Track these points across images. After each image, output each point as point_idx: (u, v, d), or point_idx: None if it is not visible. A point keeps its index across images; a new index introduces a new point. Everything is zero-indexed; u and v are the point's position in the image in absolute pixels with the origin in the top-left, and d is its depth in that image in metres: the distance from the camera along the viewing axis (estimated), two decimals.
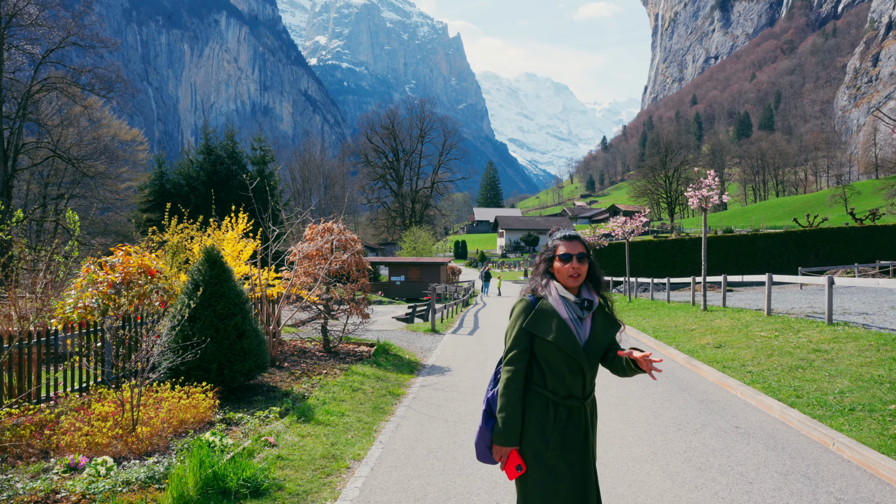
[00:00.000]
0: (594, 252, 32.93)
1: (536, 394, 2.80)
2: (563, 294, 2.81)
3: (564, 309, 2.79)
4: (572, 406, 2.78)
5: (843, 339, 9.65)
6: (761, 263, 32.38)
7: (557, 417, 2.75)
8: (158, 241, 10.59)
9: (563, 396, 2.77)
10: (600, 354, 2.81)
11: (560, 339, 2.71)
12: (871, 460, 5.00)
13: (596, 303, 2.85)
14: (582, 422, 2.79)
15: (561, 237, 2.91)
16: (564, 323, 2.75)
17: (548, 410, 2.77)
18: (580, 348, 2.74)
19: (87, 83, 39.77)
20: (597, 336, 2.80)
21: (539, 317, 2.78)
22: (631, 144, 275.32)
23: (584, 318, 2.82)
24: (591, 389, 2.85)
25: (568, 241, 2.87)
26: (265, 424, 6.36)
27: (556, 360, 2.75)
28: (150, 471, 4.82)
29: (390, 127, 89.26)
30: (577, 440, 2.78)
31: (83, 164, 38.37)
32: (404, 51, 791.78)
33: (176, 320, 6.92)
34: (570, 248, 2.85)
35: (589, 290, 2.88)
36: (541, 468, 2.74)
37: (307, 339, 12.24)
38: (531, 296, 2.89)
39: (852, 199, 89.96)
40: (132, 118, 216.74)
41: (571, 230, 2.93)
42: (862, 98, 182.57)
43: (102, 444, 5.35)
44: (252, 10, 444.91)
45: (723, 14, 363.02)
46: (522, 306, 2.86)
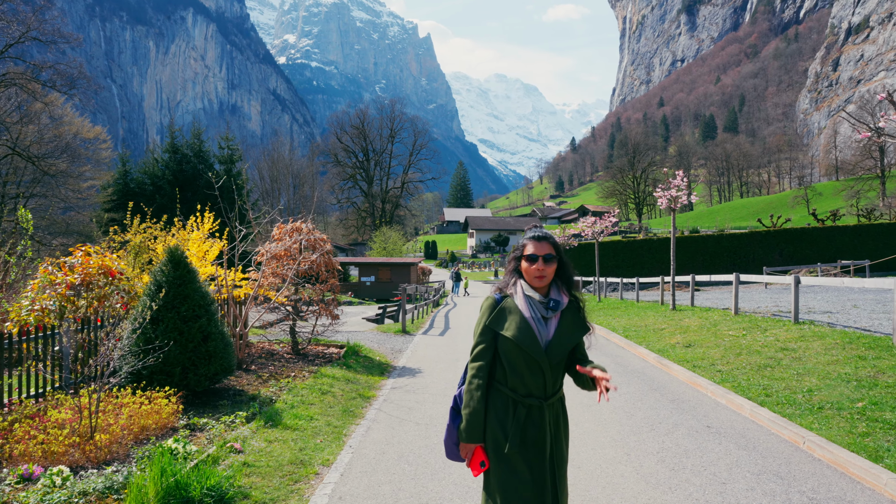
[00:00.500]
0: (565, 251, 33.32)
1: (498, 391, 2.80)
2: (528, 293, 2.80)
3: (527, 308, 2.77)
4: (532, 405, 2.75)
5: (810, 338, 9.78)
6: (727, 263, 32.87)
7: (517, 416, 2.74)
8: (120, 241, 10.27)
9: (523, 395, 2.75)
10: (563, 356, 2.78)
11: (519, 337, 2.71)
12: (842, 459, 5.02)
13: (564, 303, 2.82)
14: (541, 421, 2.76)
15: (530, 237, 2.89)
16: (526, 321, 2.74)
17: (507, 408, 2.77)
18: (540, 347, 2.71)
19: (48, 79, 38.77)
20: (561, 337, 2.77)
21: (502, 314, 2.79)
22: (599, 146, 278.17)
23: (550, 318, 2.79)
24: (555, 390, 2.81)
25: (536, 242, 2.85)
26: (231, 430, 6.17)
27: (516, 358, 2.74)
28: (108, 480, 4.62)
29: (360, 127, 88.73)
30: (537, 439, 2.75)
31: (44, 163, 37.37)
32: (374, 50, 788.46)
33: (137, 323, 6.68)
34: (537, 248, 2.83)
35: (559, 290, 2.86)
36: (501, 465, 2.75)
37: (275, 341, 12.01)
38: (498, 294, 2.90)
39: (814, 200, 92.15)
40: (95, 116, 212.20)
41: (542, 231, 2.90)
42: (823, 102, 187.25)
43: (59, 452, 5.13)
44: (219, 8, 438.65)
45: (689, 18, 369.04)
46: (488, 304, 2.87)
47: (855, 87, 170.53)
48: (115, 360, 5.80)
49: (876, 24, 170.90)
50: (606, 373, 2.69)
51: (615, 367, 10.08)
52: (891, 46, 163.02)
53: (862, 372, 7.43)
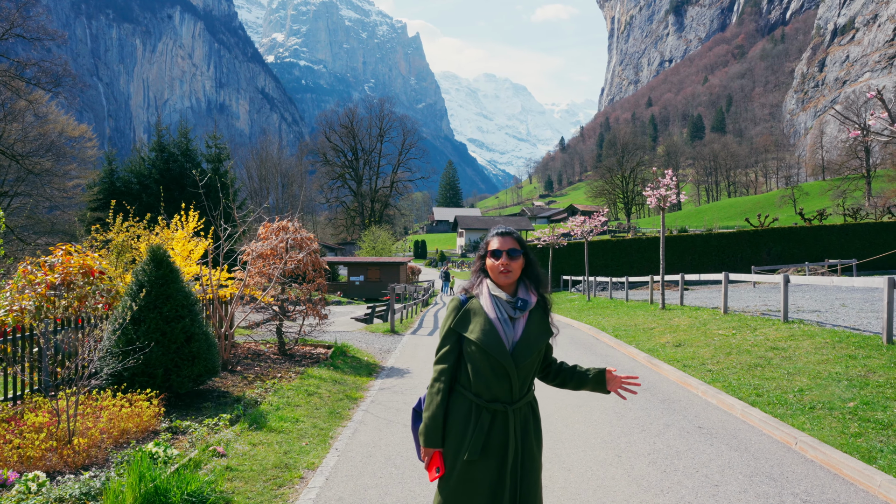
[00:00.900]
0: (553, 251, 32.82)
1: (461, 395, 2.68)
2: (494, 293, 2.69)
3: (493, 308, 2.65)
4: (496, 411, 2.62)
5: (800, 337, 9.75)
6: (716, 262, 32.99)
7: (480, 422, 2.61)
8: (102, 240, 10.09)
9: (488, 400, 2.62)
10: (530, 358, 2.63)
11: (483, 340, 2.58)
12: (835, 460, 4.96)
13: (532, 303, 2.70)
14: (506, 428, 2.62)
15: (494, 233, 2.79)
16: (491, 323, 2.62)
17: (470, 414, 2.64)
18: (505, 350, 2.58)
19: (32, 77, 38.34)
20: (528, 339, 2.64)
21: (466, 316, 2.69)
22: (588, 145, 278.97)
23: (517, 319, 2.67)
24: (522, 395, 2.67)
25: (500, 237, 2.75)
26: (214, 433, 6.03)
27: (480, 362, 2.61)
28: (85, 486, 4.48)
29: (349, 126, 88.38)
30: (500, 447, 2.62)
31: (28, 161, 36.93)
32: (363, 49, 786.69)
33: (118, 323, 6.53)
34: (502, 243, 2.73)
35: (527, 289, 2.75)
36: (457, 472, 2.62)
37: (262, 342, 11.86)
38: (464, 294, 2.79)
39: (801, 199, 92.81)
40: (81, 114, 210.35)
41: (507, 227, 2.80)
42: (809, 102, 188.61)
43: (35, 457, 4.97)
44: (207, 6, 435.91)
45: (676, 18, 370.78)
46: (453, 305, 2.75)
47: (841, 87, 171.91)
48: (95, 361, 5.65)
49: (861, 26, 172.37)
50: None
51: (605, 366, 10.00)
52: (876, 48, 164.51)
53: (853, 371, 7.40)
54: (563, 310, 21.20)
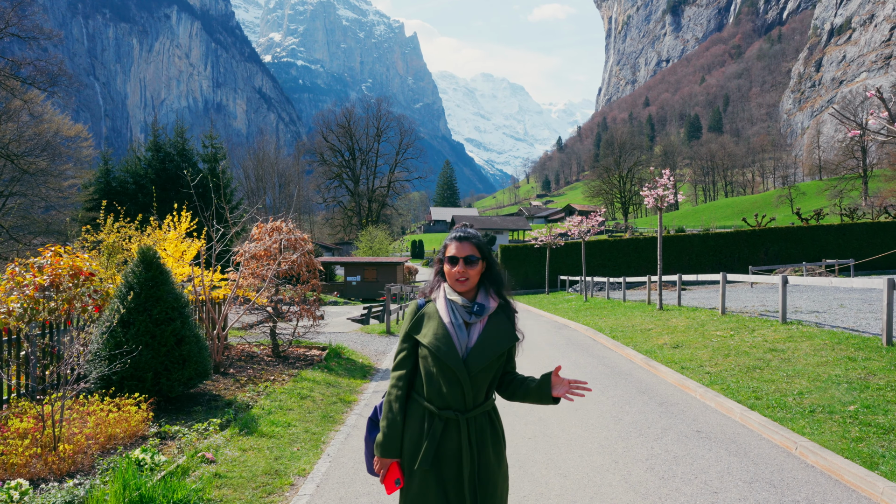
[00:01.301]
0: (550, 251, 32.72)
1: (416, 403, 2.58)
2: (450, 297, 2.60)
3: (448, 313, 2.56)
4: (449, 419, 2.52)
5: (798, 339, 9.66)
6: (713, 262, 32.94)
7: (432, 430, 2.51)
8: (93, 241, 9.95)
9: (440, 407, 2.52)
10: (485, 365, 2.52)
11: (435, 345, 2.50)
12: (836, 465, 4.86)
13: (490, 308, 2.59)
14: (458, 437, 2.51)
15: (452, 237, 2.67)
16: (444, 327, 2.53)
17: (423, 422, 2.54)
18: (457, 356, 2.48)
19: (27, 76, 38.21)
20: (483, 345, 2.52)
21: (421, 320, 2.61)
22: (586, 145, 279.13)
23: (472, 325, 2.56)
24: (477, 403, 2.55)
25: (458, 243, 2.63)
26: (204, 438, 5.91)
27: (433, 367, 2.53)
28: (68, 495, 4.36)
29: (346, 125, 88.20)
30: (453, 457, 2.51)
31: (23, 161, 36.76)
32: (361, 49, 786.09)
33: (106, 326, 6.41)
34: (459, 249, 2.61)
35: (487, 293, 2.64)
36: (414, 483, 2.52)
37: (255, 344, 11.73)
38: (422, 298, 2.72)
39: (798, 199, 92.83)
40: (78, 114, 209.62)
41: (466, 230, 2.68)
42: (806, 102, 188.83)
43: (19, 464, 4.85)
44: (204, 6, 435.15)
45: (674, 18, 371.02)
46: (410, 309, 2.68)
47: (837, 87, 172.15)
48: (83, 365, 5.53)
49: (858, 26, 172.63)
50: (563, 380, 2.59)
51: (602, 368, 9.91)
52: (872, 48, 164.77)
53: (853, 374, 7.30)
54: (561, 310, 21.11)
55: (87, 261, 8.32)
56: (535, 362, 10.61)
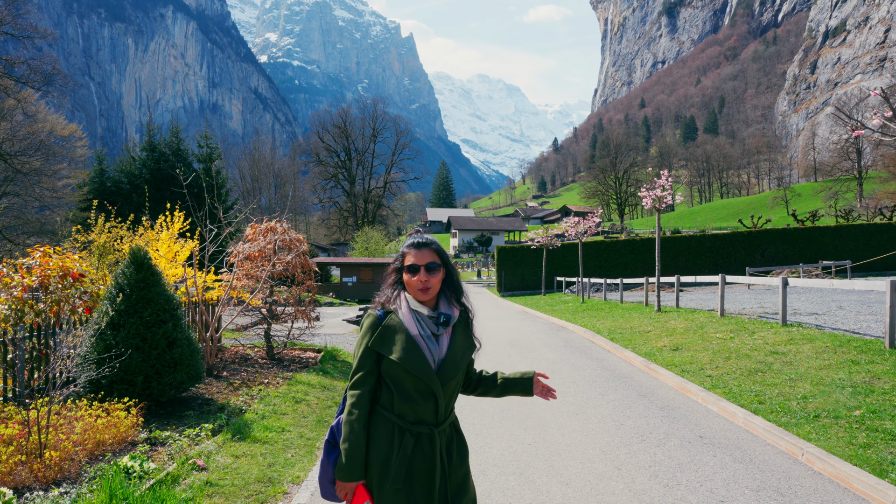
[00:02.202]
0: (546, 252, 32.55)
1: (382, 418, 2.44)
2: (414, 307, 2.47)
3: (415, 325, 2.44)
4: (421, 433, 2.42)
5: (799, 341, 9.55)
6: (710, 263, 32.86)
7: (403, 446, 2.39)
8: (84, 242, 9.78)
9: (411, 422, 2.41)
10: (457, 376, 2.46)
11: (407, 360, 2.36)
12: (844, 473, 4.74)
13: (455, 317, 2.51)
14: (430, 452, 2.41)
15: (409, 244, 2.54)
16: (413, 341, 2.40)
17: (393, 437, 2.41)
18: (431, 370, 2.38)
19: (21, 75, 37.99)
20: (454, 356, 2.46)
21: (386, 334, 2.43)
22: (582, 146, 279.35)
23: (441, 335, 2.47)
24: (447, 415, 2.49)
25: (416, 250, 2.50)
26: (195, 444, 5.75)
27: (403, 383, 2.40)
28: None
29: (342, 126, 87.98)
30: (424, 473, 2.41)
31: (17, 160, 36.56)
32: (357, 50, 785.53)
33: (95, 328, 6.25)
34: (419, 257, 2.49)
35: (448, 301, 2.55)
36: (385, 502, 2.39)
37: (249, 346, 11.57)
38: (380, 310, 2.52)
39: (793, 200, 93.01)
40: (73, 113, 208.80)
41: (423, 236, 2.56)
42: (801, 104, 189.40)
43: (3, 472, 4.69)
44: (200, 6, 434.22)
45: (669, 20, 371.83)
46: (369, 322, 2.49)
47: (832, 89, 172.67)
48: (71, 369, 5.37)
49: (852, 28, 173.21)
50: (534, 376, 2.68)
51: (601, 371, 9.79)
52: (867, 50, 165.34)
53: (857, 377, 7.19)
54: (558, 311, 20.99)
55: (76, 261, 8.17)
56: (532, 364, 10.48)
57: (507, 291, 34.88)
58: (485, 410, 7.33)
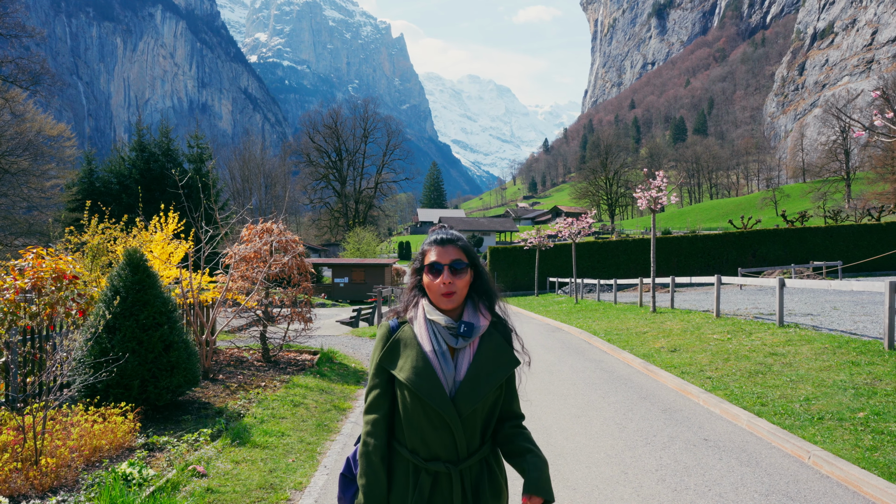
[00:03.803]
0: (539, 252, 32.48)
1: (397, 454, 2.08)
2: (430, 316, 2.07)
3: (429, 337, 2.04)
4: (438, 473, 2.03)
5: (797, 342, 9.55)
6: (701, 264, 32.97)
7: (419, 487, 2.02)
8: (77, 243, 9.64)
9: (426, 458, 2.03)
10: (479, 404, 2.02)
11: (415, 381, 1.98)
12: (854, 476, 4.70)
13: (480, 328, 2.08)
14: (450, 495, 2.02)
15: (431, 240, 2.15)
16: (424, 357, 2.01)
17: (409, 477, 2.05)
18: (443, 393, 1.98)
19: (9, 74, 37.66)
20: (477, 377, 2.02)
21: (395, 348, 2.07)
22: (572, 147, 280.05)
23: (460, 350, 2.06)
24: (472, 450, 2.07)
25: (440, 247, 2.10)
26: (194, 449, 5.65)
27: (413, 410, 2.02)
28: None
29: (333, 126, 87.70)
30: None
31: (4, 160, 36.22)
32: (347, 50, 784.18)
33: (91, 332, 6.13)
34: (442, 255, 2.08)
35: (475, 309, 2.13)
36: None
37: (245, 348, 11.45)
38: (394, 319, 2.17)
39: (782, 201, 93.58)
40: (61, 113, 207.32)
41: (448, 232, 2.17)
42: (789, 105, 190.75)
43: None
44: (189, 5, 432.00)
45: (659, 22, 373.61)
46: (381, 333, 2.15)
47: (820, 91, 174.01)
48: (66, 373, 5.26)
49: (840, 30, 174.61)
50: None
51: (600, 373, 9.74)
52: (854, 52, 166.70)
53: (858, 379, 7.18)
54: (552, 312, 20.96)
55: (70, 263, 8.04)
56: (530, 366, 10.42)
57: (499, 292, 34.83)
58: None
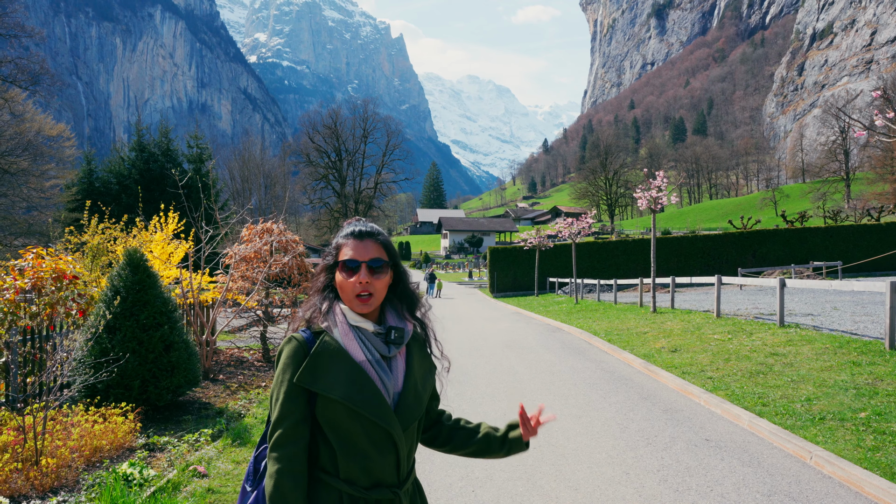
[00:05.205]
0: (539, 252, 32.45)
1: (325, 486, 1.75)
2: (355, 322, 1.80)
3: (359, 346, 1.77)
4: (381, 502, 1.76)
5: (798, 342, 9.54)
6: (701, 264, 32.96)
7: None
8: (77, 243, 9.63)
9: (366, 487, 1.74)
10: (419, 414, 1.83)
11: (354, 397, 1.69)
12: (855, 477, 4.69)
13: (409, 332, 1.87)
14: None
15: (348, 233, 1.86)
16: (360, 370, 1.74)
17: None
18: (388, 408, 1.73)
19: (8, 74, 37.68)
20: (416, 386, 1.83)
21: (318, 363, 1.72)
22: (571, 147, 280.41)
23: (393, 358, 1.83)
24: (409, 469, 1.85)
25: (357, 240, 1.83)
26: (195, 450, 5.64)
27: (350, 431, 1.72)
28: None
29: (333, 126, 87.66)
30: None
31: (4, 161, 36.25)
32: (347, 50, 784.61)
33: (91, 332, 6.12)
34: (359, 250, 1.81)
35: (398, 312, 1.90)
36: None
37: (245, 348, 11.44)
38: (304, 330, 1.83)
39: (782, 202, 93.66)
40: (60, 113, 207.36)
41: (366, 224, 1.89)
42: (788, 105, 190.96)
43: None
44: (188, 5, 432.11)
45: (658, 22, 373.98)
46: (290, 350, 1.77)
47: (820, 91, 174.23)
48: (66, 374, 5.25)
49: (839, 31, 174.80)
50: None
51: (601, 373, 9.73)
52: (853, 52, 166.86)
53: (859, 379, 7.17)
54: (552, 312, 20.95)
55: (70, 263, 8.03)
56: (531, 366, 10.42)
57: (499, 292, 34.84)
58: (487, 413, 7.25)
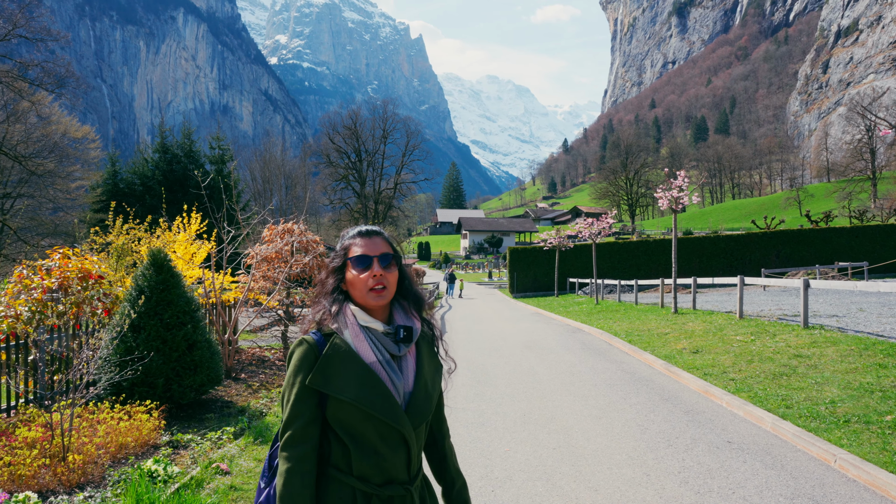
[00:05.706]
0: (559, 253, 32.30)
1: (338, 483, 1.80)
2: (365, 323, 1.85)
3: (369, 346, 1.82)
4: (393, 498, 1.81)
5: (823, 344, 9.41)
6: (723, 265, 32.60)
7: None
8: (102, 243, 9.80)
9: (379, 484, 1.80)
10: (430, 413, 1.88)
11: (366, 398, 1.75)
12: (882, 481, 4.62)
13: (417, 330, 1.92)
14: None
15: (355, 234, 1.95)
16: (371, 371, 1.79)
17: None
18: (398, 408, 1.79)
19: (35, 78, 38.36)
20: (424, 386, 1.87)
21: (330, 365, 1.78)
22: (592, 147, 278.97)
23: (403, 357, 1.88)
24: (419, 465, 1.90)
25: (366, 238, 1.92)
26: (217, 447, 5.71)
27: (363, 431, 1.78)
28: None
29: (353, 127, 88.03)
30: None
31: (31, 163, 36.91)
32: (366, 51, 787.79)
33: (116, 331, 6.22)
34: (369, 246, 1.89)
35: (405, 311, 1.94)
36: None
37: (266, 347, 11.54)
38: (315, 332, 1.88)
39: (806, 201, 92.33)
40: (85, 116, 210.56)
41: (367, 226, 2.00)
42: (813, 104, 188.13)
43: (27, 476, 4.66)
44: (210, 8, 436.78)
45: (680, 20, 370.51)
46: (301, 352, 1.83)
47: (845, 89, 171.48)
48: (92, 371, 5.34)
49: (865, 27, 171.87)
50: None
51: (621, 374, 9.68)
52: (880, 49, 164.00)
53: (885, 381, 7.06)
54: (572, 313, 20.87)
55: (96, 263, 8.16)
56: (551, 367, 10.39)
57: (519, 293, 34.76)
58: (506, 414, 7.25)
